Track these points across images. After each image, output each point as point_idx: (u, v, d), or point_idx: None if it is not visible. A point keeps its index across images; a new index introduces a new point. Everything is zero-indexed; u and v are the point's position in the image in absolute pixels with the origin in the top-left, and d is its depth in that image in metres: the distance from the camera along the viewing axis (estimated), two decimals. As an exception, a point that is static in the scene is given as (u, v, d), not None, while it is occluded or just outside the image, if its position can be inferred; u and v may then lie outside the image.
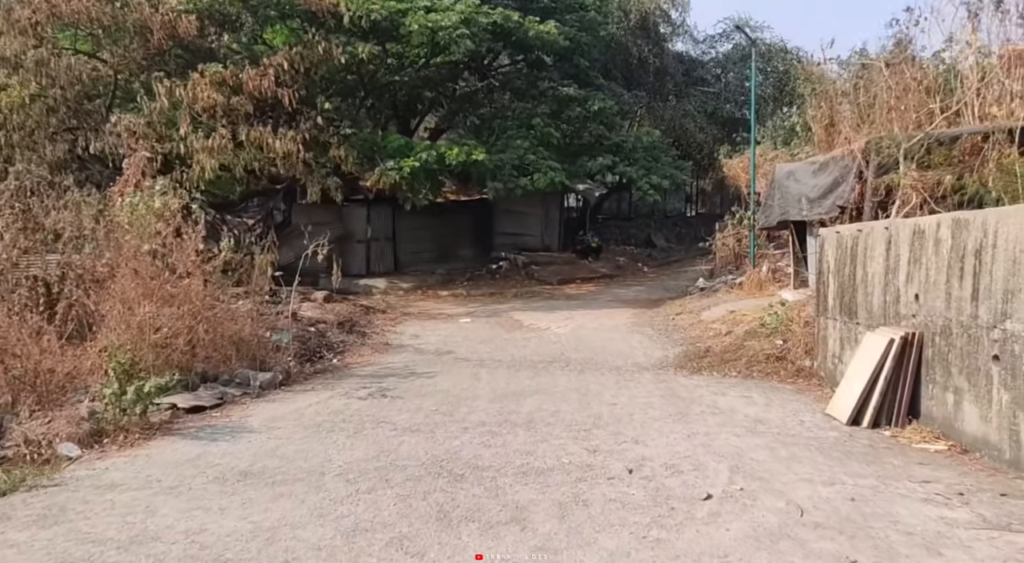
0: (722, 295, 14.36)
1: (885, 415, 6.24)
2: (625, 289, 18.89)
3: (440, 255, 23.18)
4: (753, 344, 9.75)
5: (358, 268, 21.73)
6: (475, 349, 11.00)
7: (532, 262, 22.25)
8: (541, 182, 16.18)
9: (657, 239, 30.21)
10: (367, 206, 21.76)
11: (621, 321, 13.35)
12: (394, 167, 14.70)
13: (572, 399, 7.71)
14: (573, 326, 12.81)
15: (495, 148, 16.46)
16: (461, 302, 17.18)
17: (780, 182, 12.11)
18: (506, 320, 13.79)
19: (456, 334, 12.32)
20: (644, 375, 9.12)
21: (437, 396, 7.98)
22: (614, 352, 10.56)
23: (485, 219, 23.98)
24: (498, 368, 9.65)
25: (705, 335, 11.09)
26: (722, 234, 16.14)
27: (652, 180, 17.62)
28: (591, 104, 17.43)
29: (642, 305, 15.51)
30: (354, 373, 9.61)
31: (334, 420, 6.94)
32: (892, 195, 8.21)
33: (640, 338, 11.54)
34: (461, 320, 13.82)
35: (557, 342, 11.42)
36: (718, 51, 26.52)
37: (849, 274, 7.79)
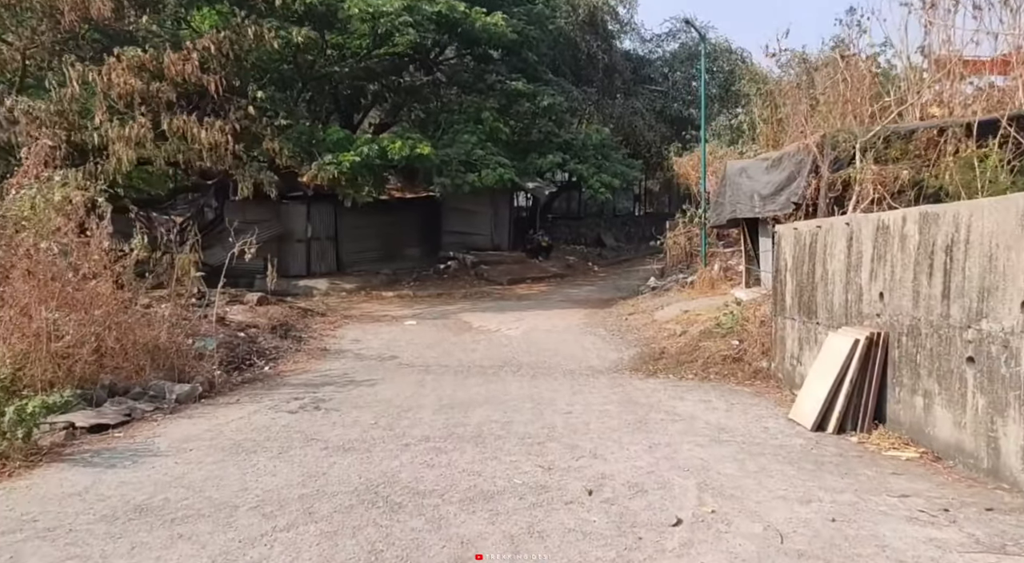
0: (674, 294, 14.10)
1: (851, 420, 5.92)
2: (576, 289, 18.53)
3: (385, 255, 22.42)
4: (709, 345, 9.43)
5: (298, 269, 20.83)
6: (421, 354, 10.39)
7: (481, 262, 21.72)
8: (490, 178, 15.64)
9: (607, 238, 30.07)
10: (307, 204, 20.86)
11: (573, 322, 12.93)
12: (333, 162, 13.92)
13: (524, 408, 7.19)
14: (524, 328, 12.32)
15: (441, 143, 15.84)
16: (407, 303, 16.51)
17: (732, 179, 11.87)
18: (454, 322, 13.21)
19: (400, 338, 11.68)
20: (599, 379, 8.68)
21: (377, 407, 7.36)
22: (567, 355, 10.11)
23: (433, 217, 23.33)
24: (445, 374, 9.08)
25: (659, 336, 10.75)
26: (673, 233, 15.91)
27: (603, 178, 17.27)
28: (540, 100, 16.98)
29: (594, 305, 15.14)
30: (287, 382, 8.89)
31: (257, 438, 6.25)
32: (849, 190, 7.97)
33: (594, 339, 11.12)
34: (406, 323, 13.17)
35: (508, 345, 10.91)
36: (665, 50, 26.48)
37: (808, 272, 7.50)
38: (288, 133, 14.42)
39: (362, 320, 13.62)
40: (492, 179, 15.58)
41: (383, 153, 14.30)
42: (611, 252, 27.87)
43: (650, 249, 30.56)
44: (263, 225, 20.81)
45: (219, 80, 13.45)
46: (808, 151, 8.80)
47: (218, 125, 13.43)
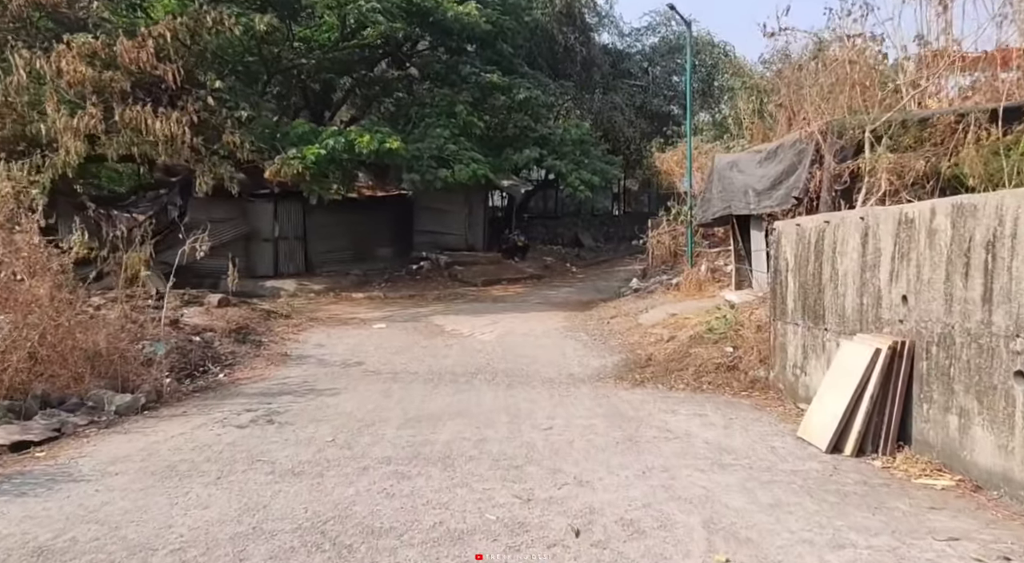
0: (658, 297, 13.44)
1: (871, 441, 5.25)
2: (554, 290, 17.80)
3: (355, 255, 21.53)
4: (700, 352, 8.75)
5: (265, 269, 19.89)
6: (389, 360, 9.57)
7: (455, 262, 20.94)
8: (463, 174, 14.84)
9: (584, 238, 29.43)
10: (274, 202, 19.89)
11: (552, 325, 12.19)
12: (297, 156, 13.02)
13: (500, 422, 6.43)
14: (500, 332, 11.56)
15: (412, 137, 15.02)
16: (377, 305, 15.65)
17: (721, 173, 11.23)
18: (426, 325, 12.40)
19: (368, 342, 10.84)
20: (581, 389, 7.95)
21: (336, 421, 6.54)
22: (546, 361, 9.36)
23: (405, 216, 22.48)
24: (414, 382, 8.28)
25: (645, 341, 10.05)
26: (657, 231, 15.25)
27: (582, 175, 16.57)
28: (516, 93, 16.23)
29: (573, 307, 14.43)
30: (241, 391, 8.03)
31: (195, 460, 5.40)
32: (858, 182, 7.34)
33: (574, 345, 10.39)
34: (375, 326, 12.33)
35: (482, 350, 10.13)
36: (644, 44, 25.91)
37: (814, 272, 6.83)
38: (251, 126, 13.48)
39: (329, 323, 12.74)
40: (465, 175, 14.79)
41: (350, 147, 13.43)
42: (589, 252, 27.23)
43: (630, 249, 30.00)
44: (228, 224, 19.89)
45: (176, 69, 12.52)
46: (810, 140, 8.16)
47: (174, 116, 12.48)
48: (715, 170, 11.79)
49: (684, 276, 13.34)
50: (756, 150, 10.64)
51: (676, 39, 25.41)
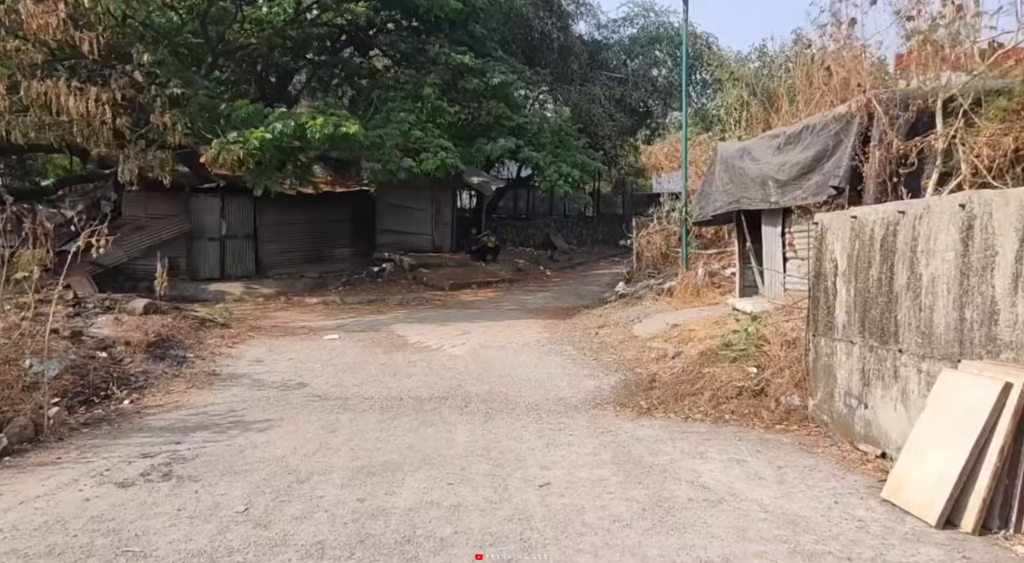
0: (649, 304, 11.97)
1: (1000, 512, 3.79)
2: (530, 296, 16.25)
3: (312, 256, 19.71)
4: (716, 372, 7.25)
5: (210, 270, 18.00)
6: (339, 380, 7.89)
7: (421, 264, 19.27)
8: (430, 163, 13.19)
9: (557, 241, 28.03)
10: (221, 197, 18.00)
11: (532, 336, 10.62)
12: (238, 140, 11.22)
13: (479, 474, 4.83)
14: (473, 344, 9.94)
15: (373, 123, 13.34)
16: (332, 312, 13.91)
17: (729, 163, 9.79)
18: (386, 336, 10.72)
19: (317, 357, 9.12)
20: (577, 419, 6.39)
21: (260, 472, 4.87)
22: (530, 382, 7.78)
23: (366, 215, 20.72)
24: (368, 412, 6.62)
25: (645, 357, 8.54)
26: (646, 231, 13.78)
27: (561, 169, 15.04)
28: (490, 77, 14.64)
29: (553, 315, 12.88)
30: (146, 425, 6.27)
31: (32, 551, 3.68)
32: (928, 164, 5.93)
33: (561, 361, 8.83)
34: (327, 336, 10.60)
35: (452, 368, 8.50)
36: (622, 35, 24.60)
37: (880, 277, 5.38)
38: (187, 106, 11.61)
39: (273, 333, 10.97)
40: (433, 164, 13.14)
41: (301, 131, 11.68)
42: (563, 255, 25.82)
43: (605, 252, 28.72)
44: (169, 221, 17.88)
45: (95, 38, 10.63)
46: (861, 112, 6.73)
47: (93, 93, 10.58)
48: (718, 160, 10.35)
49: (679, 280, 11.89)
50: (772, 135, 9.22)
51: (656, 29, 24.15)
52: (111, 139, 10.54)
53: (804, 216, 8.39)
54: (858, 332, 5.66)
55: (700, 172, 12.87)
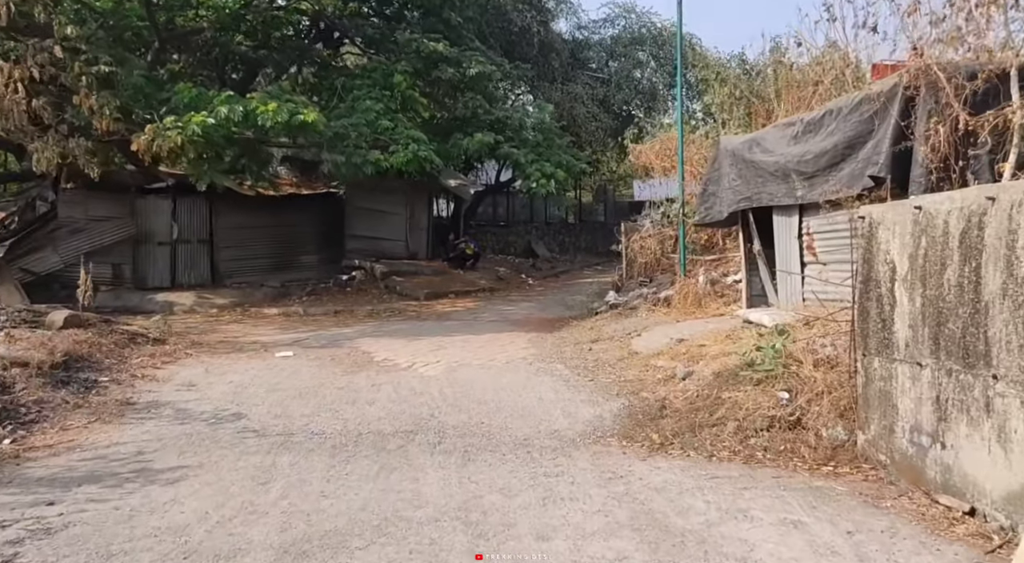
0: (645, 315, 10.79)
1: None
2: (512, 306, 15.01)
3: (274, 263, 18.30)
4: (738, 397, 6.06)
5: (159, 279, 16.50)
6: (285, 409, 6.55)
7: (393, 272, 17.95)
8: (400, 157, 11.90)
9: (538, 248, 26.87)
10: (172, 197, 16.54)
11: (517, 352, 9.36)
12: (176, 125, 9.84)
13: (453, 554, 3.56)
14: (449, 362, 8.66)
15: (337, 112, 12.02)
16: (292, 324, 12.54)
17: (738, 157, 8.66)
18: (349, 352, 9.39)
19: (262, 379, 7.77)
20: (576, 460, 5.16)
21: (150, 554, 3.54)
22: (517, 410, 6.52)
23: (335, 219, 19.38)
24: (315, 452, 5.31)
25: (650, 378, 7.32)
26: (639, 235, 12.60)
27: (544, 168, 13.83)
28: (467, 67, 13.41)
29: (539, 327, 11.65)
30: (19, 475, 4.90)
31: None
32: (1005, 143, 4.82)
33: (552, 383, 7.57)
34: (279, 354, 9.24)
35: (424, 392, 7.21)
36: (603, 36, 23.60)
37: (960, 282, 4.22)
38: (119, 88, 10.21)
39: (217, 350, 9.59)
40: (403, 158, 11.84)
41: (251, 117, 10.33)
42: (545, 263, 24.64)
43: (587, 260, 27.59)
44: (112, 223, 16.32)
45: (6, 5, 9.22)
46: (897, 91, 5.62)
47: (5, 70, 9.16)
48: (724, 155, 9.23)
49: (676, 289, 10.73)
50: (786, 123, 8.10)
51: (639, 30, 23.17)
52: (25, 124, 9.10)
53: (828, 213, 7.28)
54: (929, 352, 4.49)
55: (697, 172, 11.75)
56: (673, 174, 12.03)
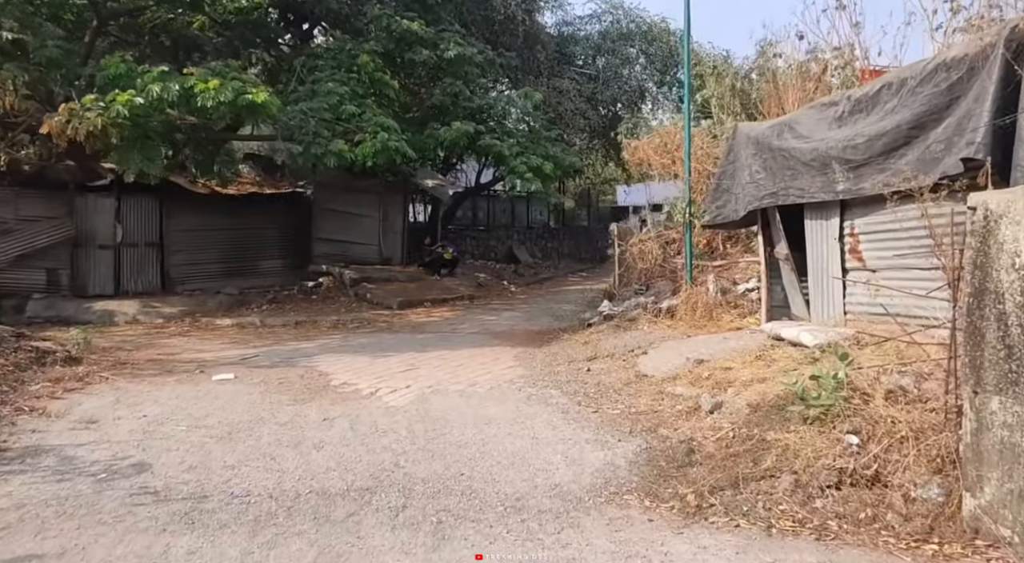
0: (647, 328, 9.44)
1: None
2: (493, 315, 13.62)
3: (233, 268, 16.75)
4: (789, 440, 4.72)
5: (101, 285, 14.89)
6: (205, 457, 5.07)
7: (364, 278, 16.52)
8: (367, 148, 10.43)
9: (520, 254, 25.57)
10: (116, 195, 14.94)
11: (502, 372, 7.95)
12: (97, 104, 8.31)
13: None
14: (421, 387, 7.22)
15: (296, 95, 10.55)
16: (244, 338, 11.04)
17: (764, 145, 7.37)
18: (303, 375, 7.92)
19: (187, 412, 6.27)
20: (589, 534, 3.80)
21: None
22: (506, 454, 5.11)
23: (301, 221, 17.87)
24: (228, 530, 3.86)
25: (667, 409, 5.96)
26: (639, 238, 11.24)
27: (530, 161, 12.45)
28: (445, 48, 12.00)
29: (526, 341, 10.27)
30: None
31: None
32: None
33: (547, 415, 6.16)
34: (217, 376, 7.73)
35: (389, 430, 5.76)
36: (590, 30, 22.32)
37: None
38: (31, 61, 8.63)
39: (143, 371, 8.05)
40: (371, 149, 10.37)
41: (188, 98, 8.82)
42: (527, 269, 23.33)
43: (572, 267, 26.34)
44: (46, 224, 14.57)
45: None
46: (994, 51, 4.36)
47: None
48: (743, 145, 7.94)
49: (683, 298, 9.41)
50: (826, 103, 6.81)
51: (627, 25, 21.93)
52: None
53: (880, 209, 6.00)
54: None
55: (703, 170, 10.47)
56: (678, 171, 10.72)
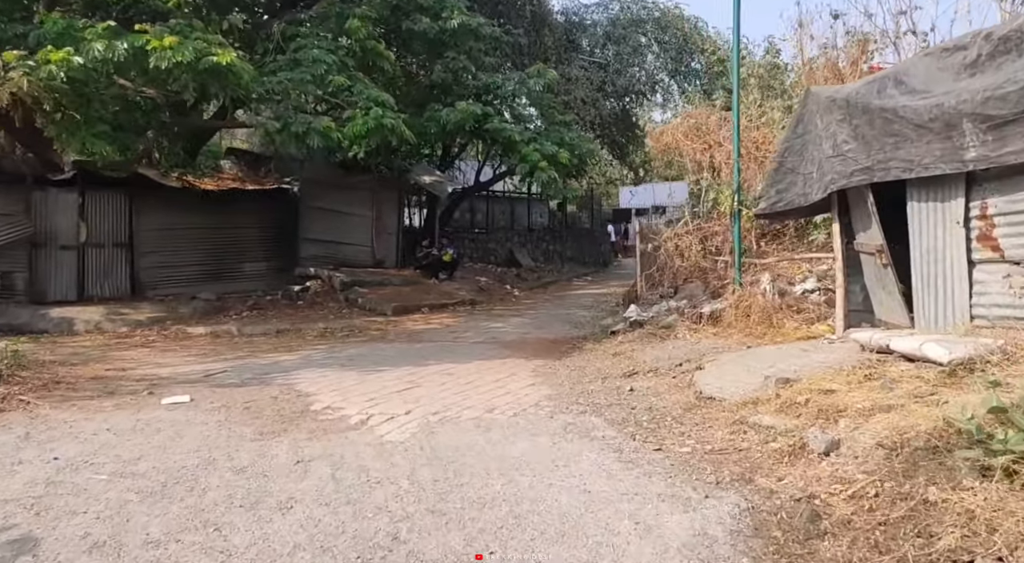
0: (688, 336, 7.96)
1: None
2: (500, 322, 12.13)
3: (212, 271, 15.24)
4: (970, 503, 3.24)
5: (63, 290, 13.36)
6: (118, 527, 3.54)
7: (356, 282, 15.03)
8: (359, 126, 8.92)
9: (521, 257, 24.10)
10: (80, 191, 13.43)
11: (523, 392, 6.44)
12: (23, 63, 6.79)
13: None
14: (425, 413, 5.71)
15: (275, 64, 9.07)
16: (217, 349, 9.52)
17: (856, 107, 5.91)
18: (277, 397, 6.39)
19: (114, 452, 4.73)
20: None
21: None
22: (548, 520, 3.59)
23: (287, 220, 16.37)
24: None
25: (755, 446, 4.47)
26: (673, 233, 9.74)
27: (544, 148, 10.96)
28: (447, 17, 10.52)
29: (542, 352, 8.78)
30: None
31: None
32: None
33: (595, 455, 4.63)
34: (169, 399, 6.19)
35: (384, 479, 4.23)
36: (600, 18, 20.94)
37: None
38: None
39: (78, 393, 6.51)
40: (363, 127, 8.84)
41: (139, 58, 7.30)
42: (529, 273, 21.87)
43: (576, 271, 24.89)
44: (1, 222, 13.18)
45: None
46: None
47: None
48: (816, 112, 6.50)
49: (732, 302, 7.93)
50: (949, 47, 5.35)
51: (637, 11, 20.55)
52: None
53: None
54: None
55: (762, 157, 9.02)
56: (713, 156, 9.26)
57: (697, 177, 10.91)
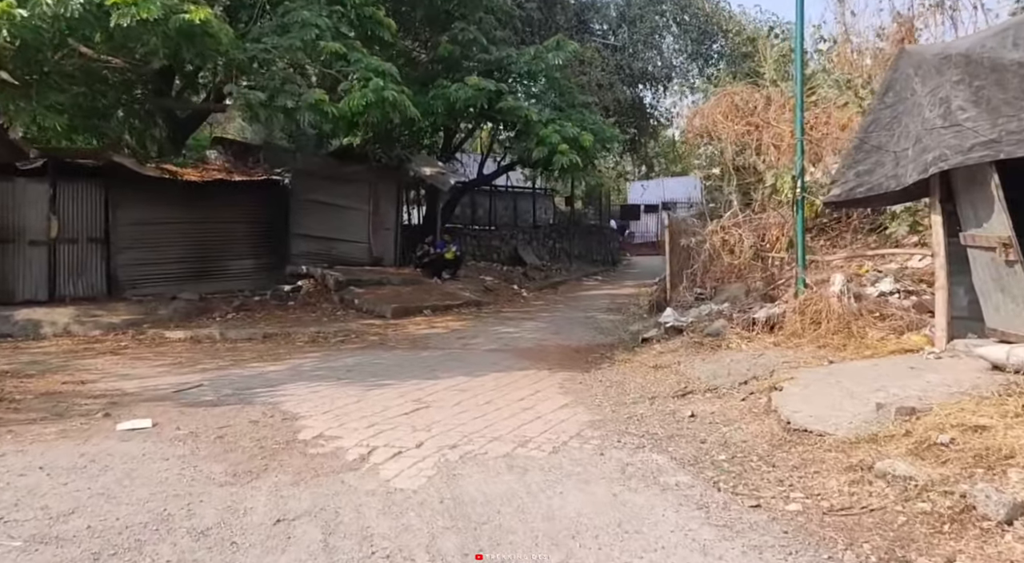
0: (743, 345, 6.82)
1: None
2: (512, 327, 10.97)
3: (196, 269, 14.04)
4: None
5: (31, 289, 12.20)
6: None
7: (352, 281, 13.90)
8: (356, 100, 7.74)
9: (526, 255, 22.93)
10: (51, 181, 12.25)
11: (557, 418, 5.27)
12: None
13: None
14: (440, 446, 4.55)
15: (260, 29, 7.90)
16: (195, 356, 8.37)
17: (977, 64, 4.77)
18: (258, 420, 5.23)
19: (39, 506, 3.58)
20: None
21: None
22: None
23: (277, 214, 15.17)
24: None
25: (892, 505, 3.31)
26: (721, 226, 8.53)
27: (565, 130, 9.78)
28: (454, -19, 9.38)
29: (564, 362, 7.63)
30: None
31: None
32: None
33: (673, 514, 3.48)
34: (125, 424, 5.02)
35: (394, 551, 3.08)
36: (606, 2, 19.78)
37: None
38: None
39: (20, 413, 5.35)
40: (360, 101, 7.66)
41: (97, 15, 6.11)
42: (536, 272, 20.71)
43: (585, 270, 23.77)
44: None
45: None
46: None
47: None
48: (915, 77, 5.35)
49: (796, 305, 6.78)
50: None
51: (651, -5, 19.37)
52: None
53: None
54: None
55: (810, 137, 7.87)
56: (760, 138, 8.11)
57: (708, 171, 9.76)
